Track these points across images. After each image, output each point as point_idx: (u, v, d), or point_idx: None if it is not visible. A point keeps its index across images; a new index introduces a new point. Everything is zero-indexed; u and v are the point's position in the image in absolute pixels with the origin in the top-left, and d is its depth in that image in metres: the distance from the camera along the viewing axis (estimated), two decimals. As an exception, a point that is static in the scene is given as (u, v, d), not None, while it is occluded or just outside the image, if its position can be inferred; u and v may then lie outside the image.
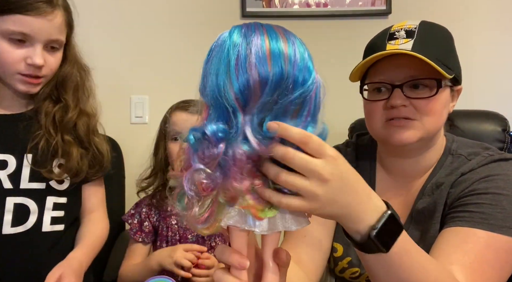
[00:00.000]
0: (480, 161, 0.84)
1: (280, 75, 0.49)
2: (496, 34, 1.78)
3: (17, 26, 0.89)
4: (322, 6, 1.77)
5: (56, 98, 1.03)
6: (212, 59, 0.52)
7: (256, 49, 0.49)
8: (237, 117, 0.49)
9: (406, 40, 0.81)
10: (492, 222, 0.75)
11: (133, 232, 1.31)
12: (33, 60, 0.92)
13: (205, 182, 0.49)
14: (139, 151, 1.72)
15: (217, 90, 0.49)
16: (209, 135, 0.49)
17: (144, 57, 1.82)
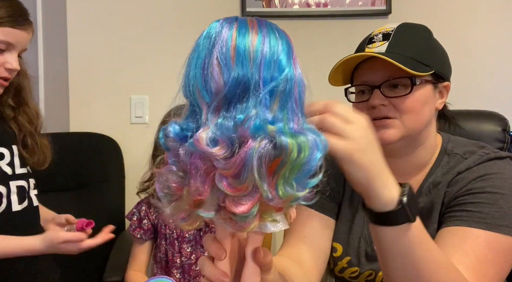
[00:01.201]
0: (476, 159, 0.85)
1: (243, 76, 0.47)
2: (496, 34, 1.78)
3: (5, 37, 1.03)
4: (322, 6, 1.78)
5: (15, 104, 1.18)
6: (192, 56, 0.52)
7: (222, 46, 0.48)
8: (201, 116, 0.48)
9: (382, 43, 0.85)
10: (490, 221, 0.75)
11: (132, 229, 1.37)
12: (13, 65, 1.06)
13: (175, 184, 0.48)
14: (139, 151, 1.72)
15: (188, 88, 0.50)
16: (172, 137, 0.48)
17: (144, 57, 1.82)
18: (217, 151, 0.45)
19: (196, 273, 1.31)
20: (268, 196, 0.45)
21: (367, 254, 0.90)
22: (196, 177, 0.46)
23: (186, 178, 0.47)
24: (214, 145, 0.45)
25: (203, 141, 0.45)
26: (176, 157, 0.48)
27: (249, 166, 0.44)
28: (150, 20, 1.82)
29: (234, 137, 0.45)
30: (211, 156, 0.45)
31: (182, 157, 0.46)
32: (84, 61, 1.25)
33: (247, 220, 0.46)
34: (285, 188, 0.46)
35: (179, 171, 0.48)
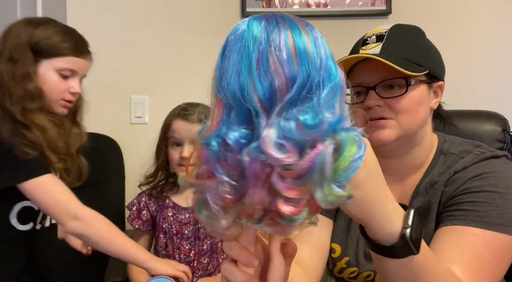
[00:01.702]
0: (472, 158, 0.85)
1: (308, 75, 0.45)
2: (496, 34, 1.78)
3: (70, 65, 1.18)
4: (322, 6, 1.78)
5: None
6: (230, 55, 0.47)
7: (281, 47, 0.45)
8: (259, 121, 0.45)
9: (376, 44, 0.86)
10: (487, 220, 0.76)
11: (131, 219, 1.39)
12: (75, 89, 1.20)
13: (230, 196, 0.45)
14: (139, 151, 1.73)
15: (239, 92, 0.46)
16: (231, 144, 0.45)
17: (144, 57, 1.82)
18: (285, 157, 0.43)
19: (193, 269, 1.31)
20: (325, 197, 0.44)
21: (365, 254, 0.91)
22: (256, 185, 0.44)
23: (241, 188, 0.45)
24: (281, 150, 0.43)
25: (270, 146, 0.43)
26: (228, 167, 0.45)
27: (317, 169, 0.43)
28: (150, 20, 1.82)
29: (305, 141, 0.44)
30: (277, 162, 0.43)
31: (239, 165, 0.44)
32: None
33: (296, 223, 0.45)
34: (336, 189, 0.45)
35: (232, 181, 0.45)
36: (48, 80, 1.17)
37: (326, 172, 0.44)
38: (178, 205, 1.36)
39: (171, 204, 1.36)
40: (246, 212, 0.46)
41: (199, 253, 1.32)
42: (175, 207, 1.35)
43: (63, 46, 1.18)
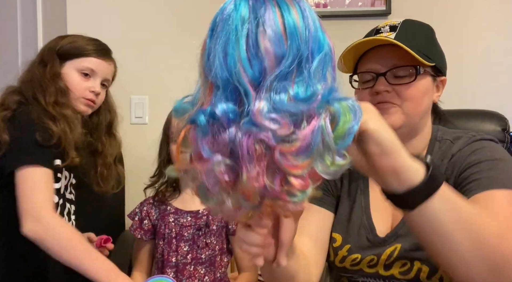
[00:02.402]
0: (465, 141, 0.90)
1: (297, 50, 0.45)
2: (496, 34, 1.78)
3: (90, 64, 1.28)
4: (321, 6, 1.78)
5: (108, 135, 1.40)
6: (217, 35, 0.47)
7: (269, 27, 0.45)
8: (248, 97, 0.44)
9: (389, 33, 0.89)
10: (500, 181, 0.78)
11: (133, 228, 1.37)
12: (95, 88, 1.28)
13: (225, 175, 0.45)
14: (139, 151, 1.72)
15: (227, 72, 0.45)
16: (219, 116, 0.44)
17: (144, 57, 1.82)
18: (279, 128, 0.43)
19: (189, 273, 1.29)
20: (328, 168, 0.46)
21: (368, 240, 0.92)
22: (251, 161, 0.44)
23: (235, 166, 0.44)
24: (274, 123, 0.43)
25: (262, 118, 0.43)
26: (218, 146, 0.44)
27: (318, 141, 0.45)
28: (149, 20, 1.82)
29: (299, 113, 0.44)
30: (271, 134, 0.43)
31: (230, 141, 0.44)
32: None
33: (305, 196, 0.47)
34: (337, 158, 0.47)
35: (225, 159, 0.44)
36: (70, 79, 1.26)
37: (329, 143, 0.45)
38: (179, 209, 1.34)
39: (172, 209, 1.35)
40: (245, 193, 0.46)
41: (197, 260, 1.30)
42: (177, 211, 1.34)
43: (84, 47, 1.29)
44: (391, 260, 0.87)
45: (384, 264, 0.88)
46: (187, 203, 1.35)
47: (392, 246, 0.88)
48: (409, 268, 0.85)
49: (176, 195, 1.37)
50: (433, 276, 0.84)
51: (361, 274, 0.92)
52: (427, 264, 0.84)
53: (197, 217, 1.32)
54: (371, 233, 0.92)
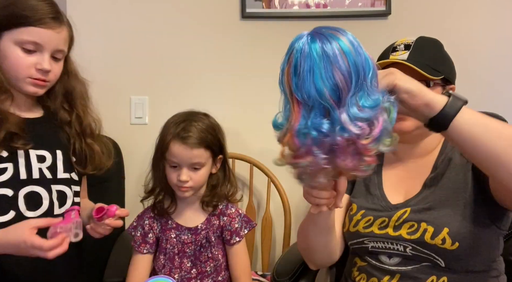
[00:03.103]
0: None
1: (358, 76, 0.70)
2: (495, 35, 1.78)
3: (31, 37, 1.06)
4: (321, 7, 1.78)
5: (69, 108, 1.23)
6: (303, 70, 0.70)
7: (335, 54, 0.69)
8: (335, 113, 0.69)
9: (404, 52, 1.06)
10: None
11: (137, 245, 1.30)
12: (42, 65, 1.08)
13: (327, 165, 0.72)
14: (139, 151, 1.73)
15: (318, 95, 0.69)
16: (325, 130, 0.69)
17: (144, 57, 1.82)
18: (360, 130, 0.69)
19: None
20: (385, 146, 0.73)
21: (381, 205, 1.07)
22: (344, 153, 0.71)
23: (331, 157, 0.72)
24: (356, 126, 0.69)
25: (349, 125, 0.69)
26: (320, 147, 0.71)
27: (384, 132, 0.72)
28: (149, 20, 1.82)
29: (371, 118, 0.70)
30: (357, 135, 0.69)
31: (330, 143, 0.70)
32: (83, 62, 1.25)
33: (371, 168, 0.75)
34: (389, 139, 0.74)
35: (325, 155, 0.71)
36: (8, 56, 1.06)
37: (389, 130, 0.73)
38: (180, 225, 1.30)
39: (173, 224, 1.30)
40: (336, 172, 0.78)
41: (202, 274, 1.28)
42: (178, 227, 1.30)
43: (22, 14, 1.05)
44: (401, 221, 1.01)
45: (394, 225, 1.02)
46: (186, 219, 1.31)
47: (403, 210, 1.03)
48: (416, 229, 0.99)
49: (173, 207, 1.31)
50: (436, 237, 0.96)
51: (372, 237, 1.04)
52: (432, 225, 0.97)
53: (196, 233, 1.29)
54: (384, 201, 1.08)
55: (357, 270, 1.10)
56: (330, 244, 1.08)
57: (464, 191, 1.00)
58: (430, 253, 0.97)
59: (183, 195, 1.27)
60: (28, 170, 1.12)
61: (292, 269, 1.35)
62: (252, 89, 1.82)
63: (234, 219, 1.32)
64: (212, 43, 1.82)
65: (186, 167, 1.25)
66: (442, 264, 0.97)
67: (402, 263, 1.01)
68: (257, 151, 1.79)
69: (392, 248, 1.02)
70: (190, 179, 1.25)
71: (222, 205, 1.34)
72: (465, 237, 0.95)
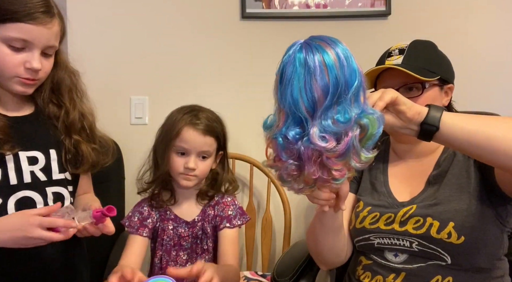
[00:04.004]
0: None
1: (337, 88, 0.70)
2: (495, 35, 1.78)
3: (19, 34, 0.97)
4: (321, 7, 1.78)
5: (57, 102, 1.15)
6: (286, 77, 0.72)
7: (316, 66, 0.70)
8: (308, 123, 0.72)
9: (398, 57, 1.10)
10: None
11: (134, 229, 1.28)
12: (31, 64, 1.00)
13: (294, 171, 0.76)
14: (139, 152, 1.73)
15: (293, 105, 0.71)
16: (290, 138, 0.72)
17: (144, 58, 1.82)
18: (327, 145, 0.71)
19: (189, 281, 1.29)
20: (358, 162, 0.74)
21: (387, 202, 1.09)
22: (309, 163, 0.73)
23: (301, 165, 0.74)
24: (323, 140, 0.71)
25: (316, 138, 0.70)
26: (290, 154, 0.74)
27: (351, 148, 0.72)
28: (150, 21, 1.82)
29: (340, 132, 0.71)
30: (322, 148, 0.71)
31: (297, 151, 0.72)
32: (84, 62, 1.25)
33: (342, 181, 0.77)
34: (365, 154, 0.75)
35: (294, 162, 0.74)
36: None
37: (356, 148, 0.73)
38: (178, 217, 1.31)
39: (172, 216, 1.31)
40: (306, 181, 0.78)
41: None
42: (176, 219, 1.31)
43: (8, 9, 0.96)
44: (407, 217, 1.03)
45: (400, 221, 1.04)
46: (183, 212, 1.32)
47: (409, 207, 1.04)
48: (422, 224, 1.00)
49: (172, 200, 1.32)
50: (442, 231, 0.97)
51: (378, 233, 1.06)
52: (438, 219, 0.99)
53: (193, 226, 1.30)
54: (390, 198, 1.10)
55: (362, 269, 1.10)
56: (338, 244, 1.09)
57: (467, 186, 1.02)
58: (436, 248, 0.98)
59: (187, 184, 1.26)
60: (18, 174, 1.06)
61: (292, 269, 1.36)
62: (252, 89, 1.82)
63: (229, 207, 1.32)
64: (212, 43, 1.82)
65: (195, 154, 1.26)
66: (448, 260, 0.98)
67: (408, 262, 1.02)
68: (257, 151, 1.79)
69: (399, 244, 1.03)
70: (197, 167, 1.25)
71: (218, 196, 1.34)
72: (471, 231, 0.96)
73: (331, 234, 1.06)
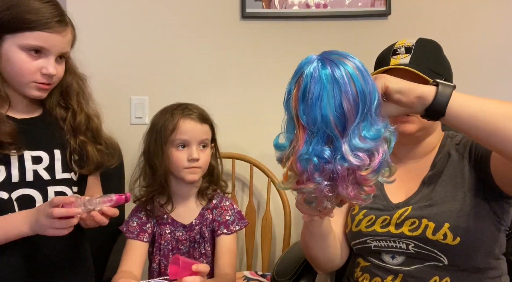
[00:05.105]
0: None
1: (363, 96, 0.69)
2: (495, 35, 1.78)
3: (37, 41, 1.04)
4: (321, 7, 1.78)
5: (64, 105, 1.20)
6: (312, 95, 0.69)
7: (345, 87, 0.68)
8: (338, 142, 0.69)
9: (405, 55, 1.05)
10: None
11: (134, 235, 1.27)
12: (48, 70, 1.06)
13: (329, 193, 0.73)
14: (139, 152, 1.72)
15: (323, 123, 0.69)
16: (327, 158, 0.69)
17: (144, 58, 1.82)
18: (360, 162, 0.70)
19: None
20: (384, 176, 0.75)
21: (383, 205, 1.08)
22: (344, 182, 0.71)
23: (333, 185, 0.72)
24: (356, 157, 0.69)
25: (350, 156, 0.69)
26: (323, 174, 0.70)
27: (384, 163, 0.73)
28: (150, 21, 1.82)
29: (371, 148, 0.70)
30: (356, 167, 0.70)
31: (331, 171, 0.70)
32: (84, 62, 1.25)
33: (371, 197, 0.76)
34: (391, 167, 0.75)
35: (328, 182, 0.71)
36: (13, 60, 1.04)
37: (388, 162, 0.74)
38: (175, 220, 1.29)
39: (169, 219, 1.29)
40: (342, 200, 0.77)
41: None
42: (173, 223, 1.29)
43: (26, 18, 1.02)
44: (402, 219, 1.02)
45: (395, 223, 1.03)
46: (181, 215, 1.30)
47: (404, 208, 1.04)
48: (417, 226, 1.00)
49: (169, 205, 1.30)
50: (438, 233, 0.97)
51: (374, 235, 1.05)
52: (433, 220, 0.98)
53: (190, 229, 1.29)
54: (385, 200, 1.09)
55: (360, 270, 1.10)
56: (328, 250, 1.09)
57: (462, 186, 1.02)
58: (432, 249, 0.98)
59: (193, 177, 1.25)
60: (21, 172, 1.09)
61: (292, 269, 1.36)
62: (252, 89, 1.82)
63: (227, 211, 1.30)
64: (212, 43, 1.82)
65: (195, 144, 1.25)
66: (445, 261, 0.98)
67: (405, 263, 1.02)
68: (257, 151, 1.79)
69: (395, 246, 1.03)
70: (200, 158, 1.25)
71: (217, 199, 1.32)
72: (466, 231, 0.96)
73: (319, 240, 1.06)
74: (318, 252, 1.09)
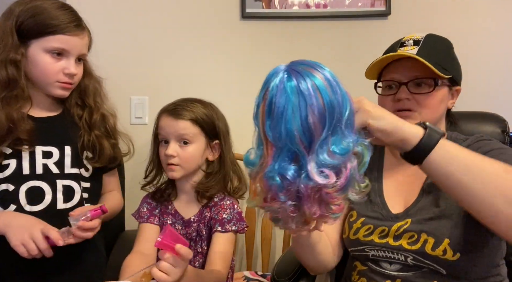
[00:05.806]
0: (474, 139, 1.03)
1: (333, 118, 0.64)
2: (495, 35, 1.78)
3: (60, 44, 1.15)
4: (321, 7, 1.78)
5: (82, 104, 1.29)
6: (276, 109, 0.64)
7: (310, 95, 0.64)
8: (304, 159, 0.64)
9: (413, 47, 1.02)
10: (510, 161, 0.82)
11: (145, 219, 1.31)
12: (70, 70, 1.17)
13: (293, 212, 0.68)
14: (139, 151, 1.72)
15: (288, 139, 0.64)
16: (290, 178, 0.65)
17: (144, 58, 1.82)
18: (327, 181, 0.64)
19: None
20: (355, 193, 0.69)
21: (382, 214, 1.04)
22: (309, 202, 0.67)
23: (298, 205, 0.67)
24: (322, 175, 0.64)
25: (315, 175, 0.64)
26: (288, 194, 0.66)
27: (351, 180, 0.67)
28: (150, 20, 1.82)
29: (338, 166, 0.65)
30: (322, 185, 0.64)
31: (295, 190, 0.65)
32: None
33: (340, 215, 0.71)
34: (361, 183, 0.69)
35: (292, 202, 0.67)
36: (38, 63, 1.15)
37: (357, 179, 0.68)
38: (178, 212, 1.31)
39: (172, 211, 1.31)
40: (306, 220, 0.72)
41: None
42: (175, 214, 1.31)
43: (49, 23, 1.14)
44: (401, 231, 0.99)
45: (394, 235, 0.99)
46: (183, 208, 1.32)
47: (403, 221, 1.00)
48: (416, 240, 0.96)
49: (173, 194, 1.33)
50: (437, 248, 0.93)
51: (372, 245, 1.02)
52: (433, 236, 0.94)
53: (188, 225, 1.29)
54: (385, 209, 1.05)
55: (357, 274, 1.08)
56: (320, 256, 1.06)
57: None
58: (431, 263, 0.95)
59: (171, 174, 1.27)
60: (31, 165, 1.17)
61: (292, 269, 1.35)
62: (252, 89, 1.81)
63: (225, 210, 1.27)
64: (212, 43, 1.82)
65: (173, 140, 1.26)
66: (444, 272, 0.95)
67: (403, 270, 0.99)
68: (257, 151, 1.79)
69: (393, 257, 1.00)
70: (177, 154, 1.25)
71: (218, 197, 1.31)
72: (466, 247, 0.93)
73: (309, 250, 1.03)
74: (309, 259, 1.07)
